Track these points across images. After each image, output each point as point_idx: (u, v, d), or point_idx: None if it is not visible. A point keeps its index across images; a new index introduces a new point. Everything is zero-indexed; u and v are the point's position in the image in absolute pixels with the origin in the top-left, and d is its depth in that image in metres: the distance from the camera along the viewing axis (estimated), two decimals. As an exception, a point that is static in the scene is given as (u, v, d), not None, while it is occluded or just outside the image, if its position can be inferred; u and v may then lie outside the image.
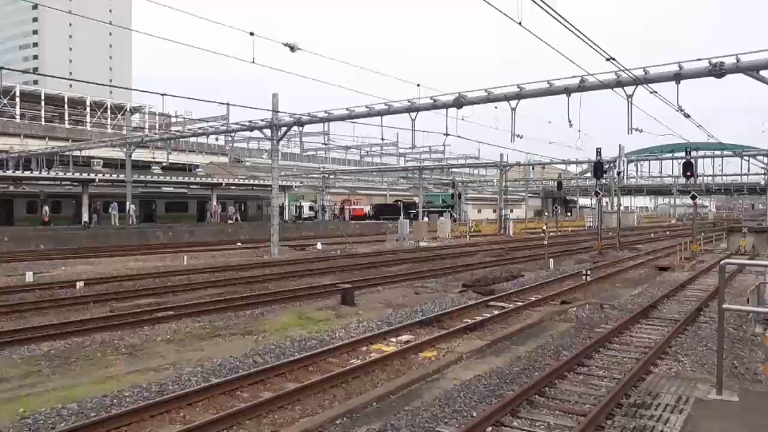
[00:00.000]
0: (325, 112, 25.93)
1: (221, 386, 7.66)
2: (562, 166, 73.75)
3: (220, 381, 7.82)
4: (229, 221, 44.85)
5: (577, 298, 14.97)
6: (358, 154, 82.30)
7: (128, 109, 66.91)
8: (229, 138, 47.34)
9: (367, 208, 67.22)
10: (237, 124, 30.51)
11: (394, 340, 10.50)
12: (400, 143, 65.08)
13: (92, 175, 39.30)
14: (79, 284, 16.48)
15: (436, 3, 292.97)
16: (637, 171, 59.98)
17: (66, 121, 65.19)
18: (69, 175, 39.07)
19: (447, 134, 22.33)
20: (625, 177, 47.68)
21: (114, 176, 40.80)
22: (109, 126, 64.75)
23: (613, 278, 19.71)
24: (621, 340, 10.53)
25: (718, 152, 48.67)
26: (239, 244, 33.42)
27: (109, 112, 67.93)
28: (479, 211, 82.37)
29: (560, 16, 9.76)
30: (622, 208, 56.24)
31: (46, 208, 37.15)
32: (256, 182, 50.24)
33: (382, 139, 27.38)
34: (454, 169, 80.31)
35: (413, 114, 22.74)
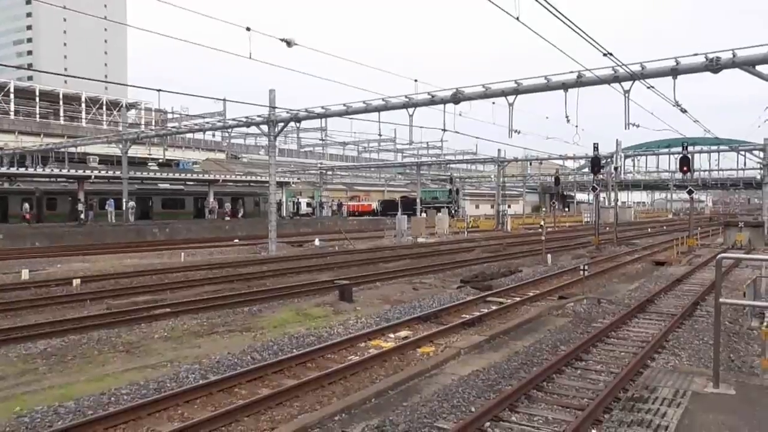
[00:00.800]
0: (322, 107, 25.91)
1: (219, 383, 7.66)
2: (560, 162, 73.74)
3: (218, 378, 7.82)
4: (226, 218, 44.87)
5: (575, 293, 15.02)
6: (356, 149, 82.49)
7: (124, 105, 66.68)
8: (226, 134, 47.18)
9: (374, 204, 67.77)
10: (234, 120, 30.49)
11: (392, 336, 10.52)
12: (397, 139, 65.19)
13: (88, 172, 39.19)
14: (76, 282, 16.42)
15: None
16: (634, 166, 60.06)
17: (61, 118, 64.92)
18: (65, 171, 38.94)
19: (444, 130, 22.33)
20: (622, 172, 47.76)
21: (110, 173, 40.69)
22: (104, 122, 64.54)
23: (610, 273, 19.79)
24: (618, 334, 10.57)
25: (714, 147, 48.74)
26: (236, 240, 33.39)
27: (104, 108, 67.70)
28: (477, 207, 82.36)
29: (558, 11, 9.76)
30: (619, 203, 56.32)
31: (27, 205, 36.63)
32: (253, 178, 50.20)
33: (380, 134, 27.86)
34: (451, 165, 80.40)
35: (411, 110, 22.72)
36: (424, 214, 50.40)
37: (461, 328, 11.06)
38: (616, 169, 40.96)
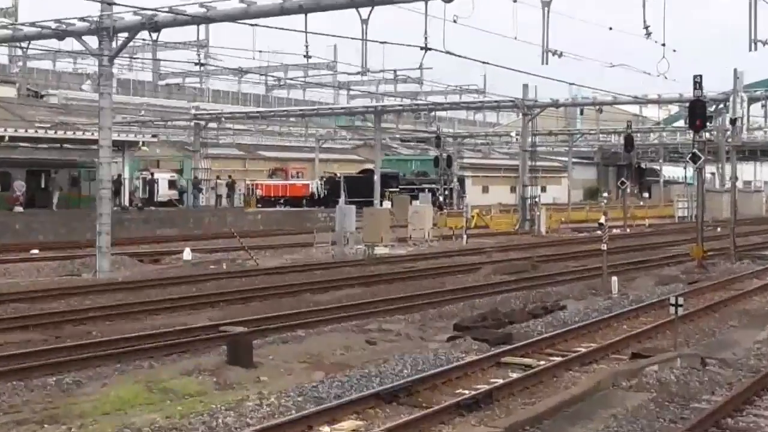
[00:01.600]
0: (201, 5, 25.59)
1: None
2: (634, 109, 74.75)
3: None
4: (17, 208, 44.19)
5: (661, 348, 15.20)
6: (263, 83, 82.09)
7: None
8: (19, 53, 46.25)
9: (313, 184, 67.69)
10: (33, 25, 30.00)
11: (327, 430, 10.44)
12: (340, 66, 64.96)
13: None
14: None
15: None
16: (766, 117, 61.59)
17: None
18: None
19: (426, 48, 22.35)
20: (744, 127, 48.81)
21: None
22: None
23: (723, 311, 20.17)
24: (739, 424, 10.71)
25: None
26: (35, 251, 33.23)
27: None
28: (485, 191, 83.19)
29: None
30: (739, 183, 57.60)
31: None
32: (71, 135, 49.43)
33: (307, 56, 26.97)
34: (439, 113, 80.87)
35: (364, 10, 22.63)
36: (387, 203, 50.52)
37: (455, 415, 11.05)
38: (733, 122, 41.82)
